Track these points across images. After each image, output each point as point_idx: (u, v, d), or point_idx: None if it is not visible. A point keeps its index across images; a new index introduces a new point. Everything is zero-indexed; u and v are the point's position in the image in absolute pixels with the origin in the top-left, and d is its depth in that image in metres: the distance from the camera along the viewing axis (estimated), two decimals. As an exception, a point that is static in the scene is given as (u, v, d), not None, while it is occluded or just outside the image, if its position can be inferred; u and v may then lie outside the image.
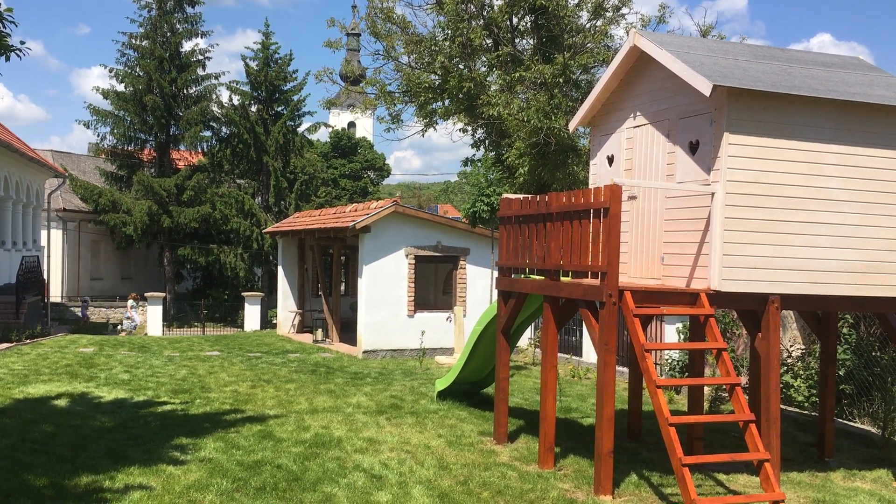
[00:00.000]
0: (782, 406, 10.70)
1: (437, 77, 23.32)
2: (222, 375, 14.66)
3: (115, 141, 33.28)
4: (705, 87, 7.73)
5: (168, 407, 11.43)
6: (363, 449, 9.17)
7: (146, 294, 27.58)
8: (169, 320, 29.16)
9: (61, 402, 11.52)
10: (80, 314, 28.73)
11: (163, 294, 28.34)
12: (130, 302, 28.40)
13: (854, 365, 11.55)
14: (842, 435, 10.61)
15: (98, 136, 33.19)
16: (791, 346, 13.06)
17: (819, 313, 9.65)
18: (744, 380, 11.95)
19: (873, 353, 11.56)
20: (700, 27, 23.81)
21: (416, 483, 7.88)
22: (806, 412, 11.75)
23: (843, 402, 11.57)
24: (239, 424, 10.25)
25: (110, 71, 32.65)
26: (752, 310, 8.32)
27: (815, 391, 11.67)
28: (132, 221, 30.84)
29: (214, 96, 34.18)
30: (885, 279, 8.53)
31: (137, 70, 32.81)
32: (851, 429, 10.94)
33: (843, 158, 8.30)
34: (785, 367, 12.36)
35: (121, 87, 32.75)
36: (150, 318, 26.61)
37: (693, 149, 8.34)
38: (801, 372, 12.25)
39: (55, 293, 31.47)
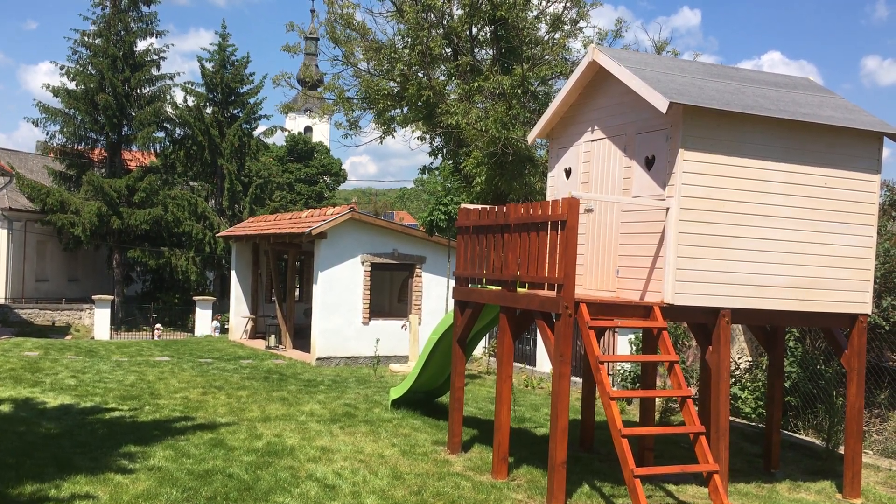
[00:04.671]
0: (730, 417, 10.91)
1: (395, 84, 23.37)
2: (172, 381, 14.42)
3: (64, 140, 32.62)
4: (662, 104, 7.87)
5: (116, 414, 11.20)
6: (316, 458, 9.10)
7: (94, 297, 27.01)
8: (117, 324, 28.57)
9: (5, 408, 11.21)
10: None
11: (111, 297, 27.77)
12: (215, 323, 27.73)
13: (799, 377, 11.83)
14: (787, 446, 10.85)
15: (47, 134, 32.52)
16: (739, 358, 13.33)
17: (767, 327, 9.88)
18: (693, 391, 12.16)
19: (818, 367, 11.87)
20: (655, 42, 24.30)
21: (369, 493, 7.84)
22: (753, 423, 12.00)
23: (789, 413, 11.85)
24: (189, 432, 10.08)
25: (61, 68, 32.01)
26: (704, 323, 8.48)
27: (762, 403, 11.93)
28: (81, 222, 30.19)
29: (168, 97, 33.74)
30: (829, 295, 8.77)
31: (90, 68, 32.21)
32: (796, 440, 11.20)
33: (792, 176, 8.52)
34: (733, 379, 12.61)
35: (72, 85, 32.11)
36: (98, 321, 26.06)
37: (649, 164, 8.48)
38: (749, 384, 12.51)
39: (-2, 294, 30.67)
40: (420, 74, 22.54)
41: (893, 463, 10.21)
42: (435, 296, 20.56)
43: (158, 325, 27.87)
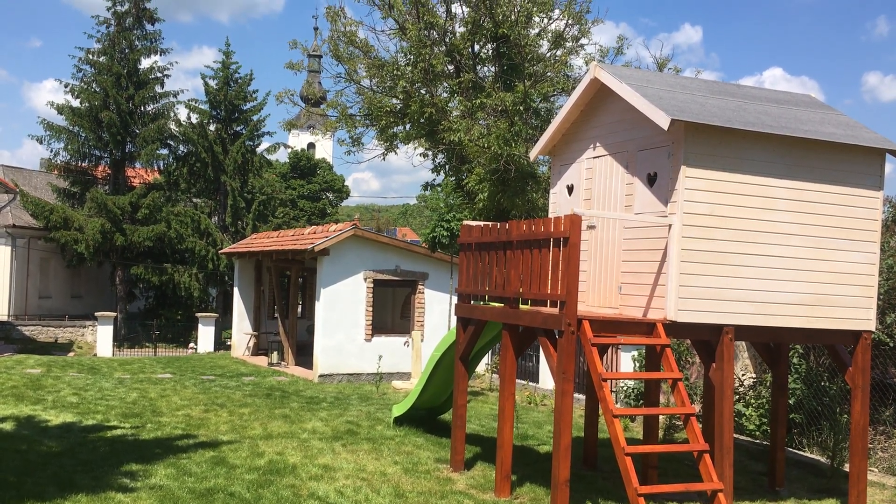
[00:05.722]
0: (734, 435, 10.85)
1: (398, 101, 23.46)
2: (174, 399, 14.38)
3: (68, 157, 32.69)
4: (664, 121, 7.89)
5: (118, 431, 11.16)
6: (318, 476, 9.06)
7: (96, 314, 27.00)
8: (120, 341, 28.55)
9: (7, 426, 11.18)
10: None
11: (114, 314, 27.76)
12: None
13: (804, 394, 11.78)
14: (792, 464, 10.78)
15: (51, 151, 32.56)
16: (743, 374, 13.27)
17: (771, 344, 9.84)
18: (697, 408, 12.10)
19: (822, 384, 11.81)
20: (656, 59, 24.38)
21: (371, 511, 7.80)
22: (757, 441, 11.93)
23: (794, 431, 11.78)
24: (191, 450, 10.05)
25: (66, 86, 32.14)
26: (707, 340, 8.45)
27: (766, 420, 11.86)
28: (84, 239, 30.21)
29: (172, 114, 33.82)
30: (833, 312, 8.74)
31: (94, 86, 32.33)
32: (801, 458, 11.13)
33: (795, 193, 8.52)
34: (737, 396, 12.55)
35: (76, 103, 32.22)
36: (101, 338, 26.04)
37: (651, 181, 8.49)
38: (753, 401, 12.45)
39: (1, 311, 30.66)
40: (422, 91, 22.63)
41: (899, 481, 10.13)
42: (437, 312, 20.52)
43: (192, 345, 27.78)
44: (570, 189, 9.94)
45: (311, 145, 73.15)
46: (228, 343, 27.39)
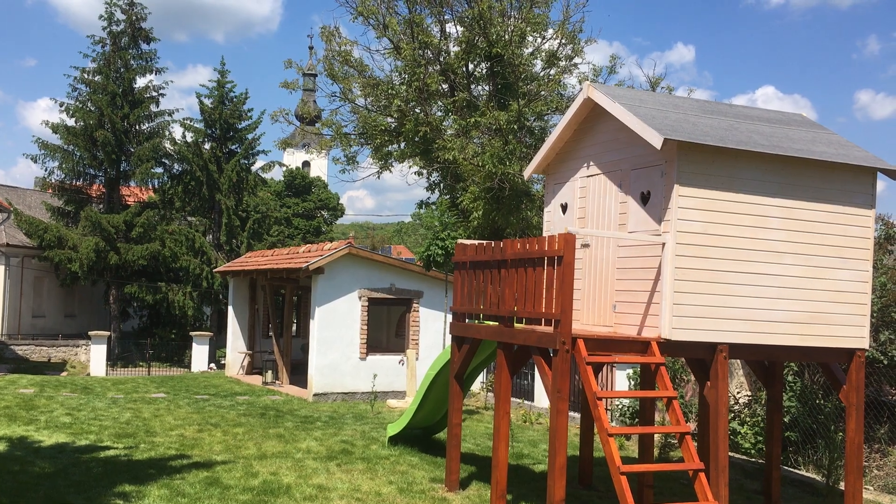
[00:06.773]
0: (729, 453, 10.84)
1: (393, 120, 23.55)
2: (168, 419, 14.31)
3: (63, 176, 32.69)
4: (656, 141, 7.94)
5: (111, 452, 11.10)
6: (313, 497, 9.01)
7: (90, 333, 26.89)
8: (113, 360, 28.42)
9: (-2, 447, 11.12)
10: None
11: (107, 333, 27.65)
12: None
13: (799, 412, 11.78)
14: (787, 482, 10.77)
15: (46, 170, 32.58)
16: (738, 392, 13.27)
17: (765, 362, 9.85)
18: (692, 426, 12.09)
19: (817, 401, 11.82)
20: (650, 78, 24.53)
21: (366, 532, 7.76)
22: (752, 459, 11.92)
23: (789, 449, 11.77)
24: (185, 470, 10.00)
25: (61, 105, 32.20)
26: (701, 358, 8.46)
27: (761, 438, 11.86)
28: (78, 258, 30.15)
29: (167, 133, 33.88)
30: (827, 330, 8.76)
31: (89, 105, 32.40)
32: (797, 476, 11.12)
33: (787, 212, 8.57)
34: (732, 414, 12.55)
35: (71, 122, 32.28)
36: (94, 357, 25.93)
37: (644, 199, 8.53)
38: (748, 419, 12.44)
39: (-6, 331, 30.52)
40: (417, 110, 22.71)
41: (894, 499, 10.13)
42: (432, 331, 20.51)
43: (212, 364, 27.66)
44: (564, 208, 9.98)
45: (306, 163, 73.31)
46: (223, 362, 27.30)
